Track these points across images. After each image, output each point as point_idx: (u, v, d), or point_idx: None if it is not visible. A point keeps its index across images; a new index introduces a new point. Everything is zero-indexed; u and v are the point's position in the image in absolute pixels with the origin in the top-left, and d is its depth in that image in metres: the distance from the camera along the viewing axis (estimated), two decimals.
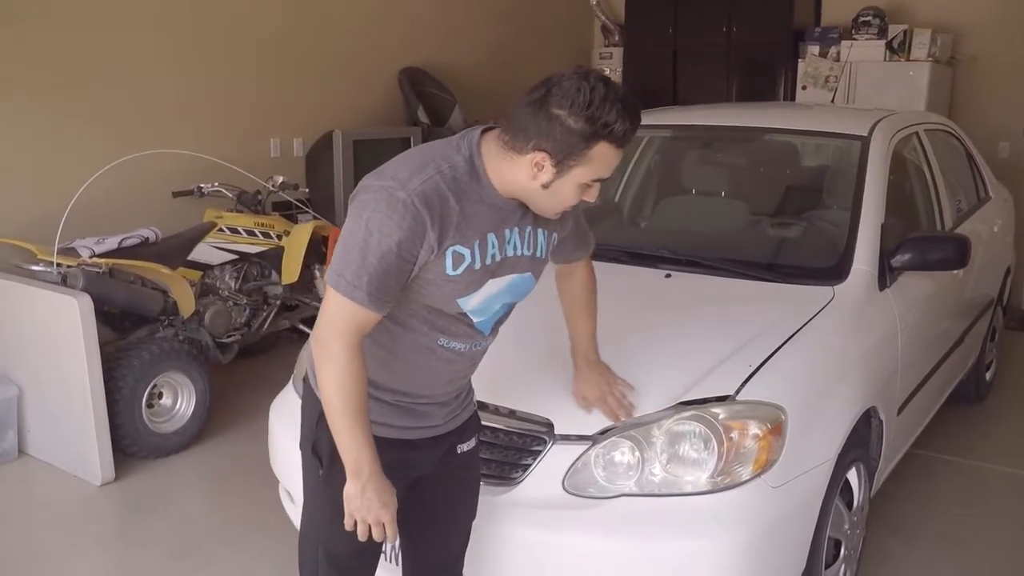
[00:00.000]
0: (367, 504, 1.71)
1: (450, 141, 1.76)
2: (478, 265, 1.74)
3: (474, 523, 2.17)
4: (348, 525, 1.74)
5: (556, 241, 1.95)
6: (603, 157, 1.65)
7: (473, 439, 2.05)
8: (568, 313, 2.26)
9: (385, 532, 1.75)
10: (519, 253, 1.81)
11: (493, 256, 1.75)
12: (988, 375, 4.61)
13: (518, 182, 1.70)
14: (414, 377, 1.86)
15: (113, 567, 3.20)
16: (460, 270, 1.71)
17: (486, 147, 1.72)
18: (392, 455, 1.81)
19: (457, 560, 2.13)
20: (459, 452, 2.01)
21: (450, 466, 2.00)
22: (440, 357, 1.84)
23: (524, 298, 1.91)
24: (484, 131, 1.75)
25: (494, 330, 1.92)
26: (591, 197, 1.75)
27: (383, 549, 2.16)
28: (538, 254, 1.87)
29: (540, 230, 1.85)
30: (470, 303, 1.78)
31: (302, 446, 1.95)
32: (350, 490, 1.71)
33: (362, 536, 1.75)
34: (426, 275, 1.71)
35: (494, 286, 1.80)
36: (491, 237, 1.74)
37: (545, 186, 1.68)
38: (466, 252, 1.71)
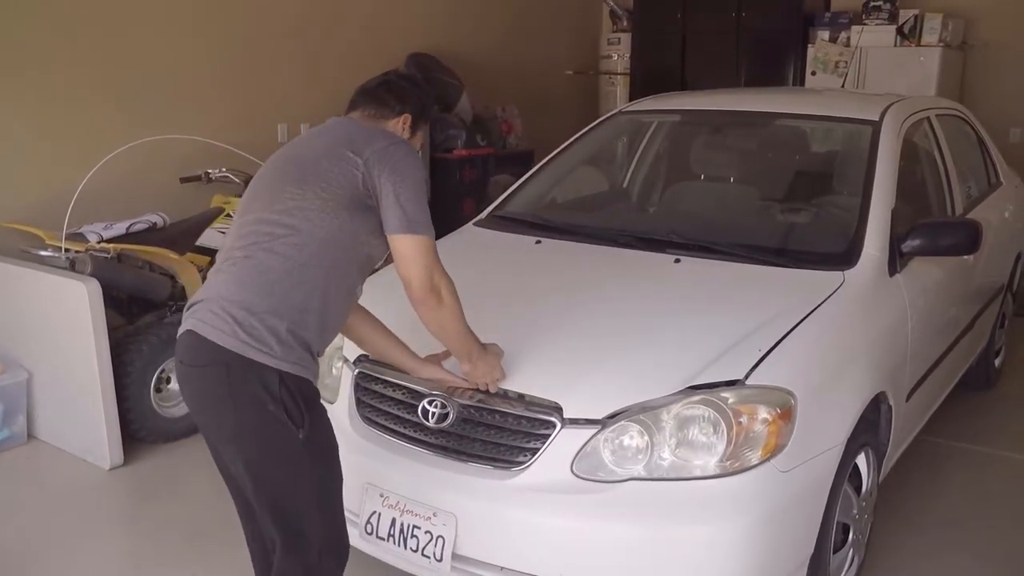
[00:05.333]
0: (484, 369, 2.25)
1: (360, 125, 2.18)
2: None
3: (481, 506, 2.25)
4: (465, 392, 2.32)
5: None
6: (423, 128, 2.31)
7: None
8: (374, 337, 2.39)
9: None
10: None
11: None
12: (997, 362, 4.59)
13: None
14: (334, 324, 2.10)
15: (124, 551, 3.22)
16: None
17: None
18: (318, 396, 2.06)
19: None
20: None
21: None
22: (353, 301, 2.17)
23: None
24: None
25: None
26: None
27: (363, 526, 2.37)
28: None
29: None
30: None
31: (252, 430, 1.96)
32: (466, 368, 2.25)
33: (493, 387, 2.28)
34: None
35: None
36: None
37: None
38: None
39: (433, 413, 2.38)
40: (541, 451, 2.24)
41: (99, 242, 3.84)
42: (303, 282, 1.96)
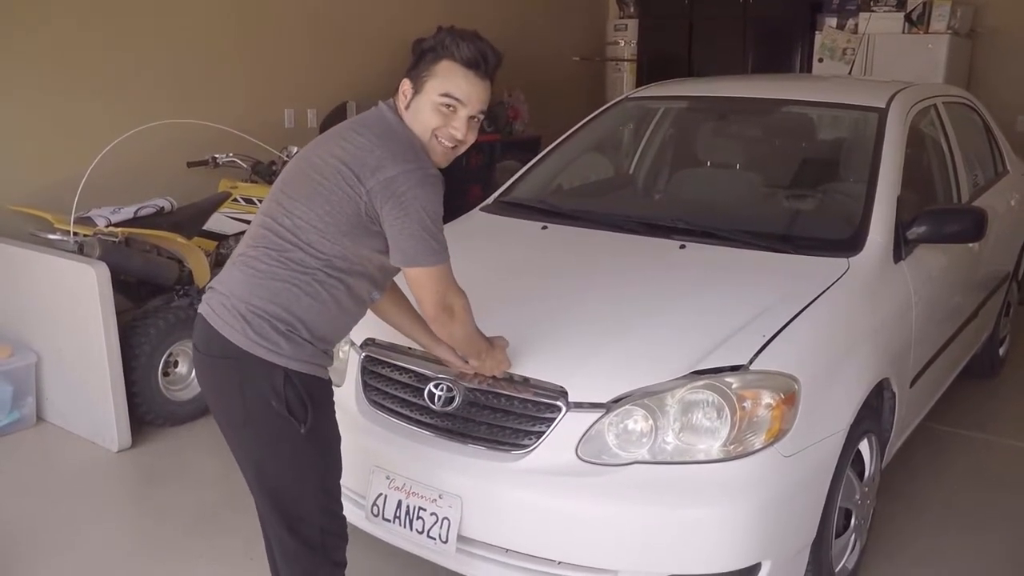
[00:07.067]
0: (492, 364, 2.28)
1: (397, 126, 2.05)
2: None
3: (486, 488, 2.27)
4: (473, 378, 2.36)
5: None
6: (446, 71, 2.01)
7: None
8: (388, 307, 2.36)
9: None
10: None
11: None
12: (1001, 350, 4.59)
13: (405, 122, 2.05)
14: (346, 326, 2.12)
15: (130, 533, 3.24)
16: None
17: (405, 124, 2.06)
18: (328, 392, 2.09)
19: None
20: None
21: None
22: (366, 306, 2.15)
23: None
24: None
25: None
26: (455, 127, 2.03)
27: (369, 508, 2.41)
28: None
29: None
30: None
31: (256, 424, 2.01)
32: (474, 364, 2.29)
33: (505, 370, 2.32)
34: None
35: None
36: None
37: (408, 107, 2.04)
38: None
39: (439, 396, 2.40)
40: (546, 434, 2.26)
41: (107, 226, 3.85)
42: (313, 293, 1.98)
